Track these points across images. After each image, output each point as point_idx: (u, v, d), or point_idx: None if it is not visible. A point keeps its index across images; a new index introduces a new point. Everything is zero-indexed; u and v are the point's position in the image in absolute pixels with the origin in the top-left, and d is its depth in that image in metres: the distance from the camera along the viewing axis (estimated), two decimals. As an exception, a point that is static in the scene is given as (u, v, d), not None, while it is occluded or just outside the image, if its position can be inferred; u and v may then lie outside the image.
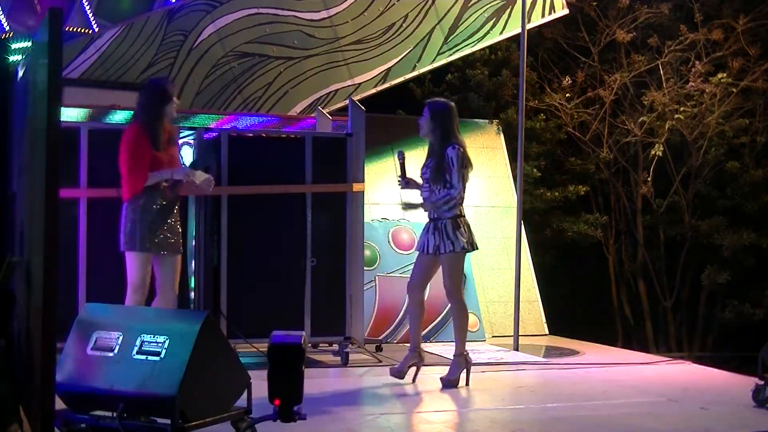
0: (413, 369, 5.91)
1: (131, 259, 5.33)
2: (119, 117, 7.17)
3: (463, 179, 5.76)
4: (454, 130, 5.85)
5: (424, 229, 5.90)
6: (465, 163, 5.76)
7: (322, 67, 8.52)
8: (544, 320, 8.90)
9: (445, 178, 5.74)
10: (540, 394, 5.84)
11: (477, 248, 5.92)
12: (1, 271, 4.66)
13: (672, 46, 10.33)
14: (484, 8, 9.17)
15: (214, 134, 6.50)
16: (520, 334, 7.72)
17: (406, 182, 5.96)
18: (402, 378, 5.82)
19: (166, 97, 5.41)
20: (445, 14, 9.03)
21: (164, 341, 3.90)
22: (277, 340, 3.90)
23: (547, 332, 8.82)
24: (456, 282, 5.83)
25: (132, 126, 5.42)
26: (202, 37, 8.08)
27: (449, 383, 5.79)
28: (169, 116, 5.43)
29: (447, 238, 5.75)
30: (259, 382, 4.31)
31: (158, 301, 5.39)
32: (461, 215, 5.81)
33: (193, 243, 6.33)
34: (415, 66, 8.93)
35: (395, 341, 7.81)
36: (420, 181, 5.91)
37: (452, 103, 6.00)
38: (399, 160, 6.01)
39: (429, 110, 5.87)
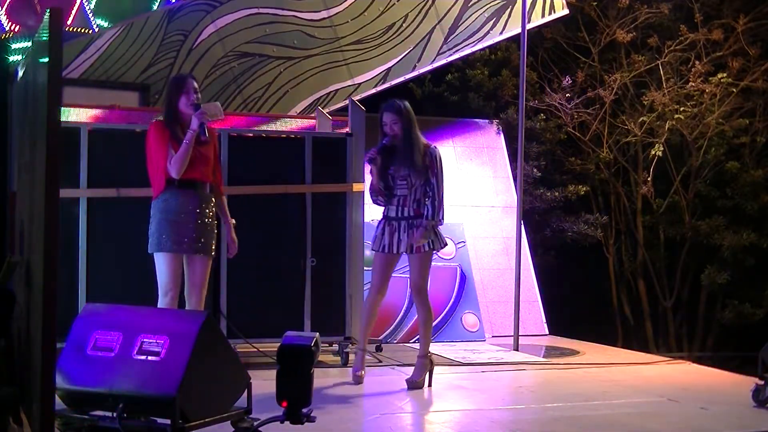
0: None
1: (157, 261, 5.20)
2: (119, 117, 7.16)
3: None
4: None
5: (392, 228, 5.79)
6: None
7: (322, 67, 8.52)
8: (544, 320, 8.91)
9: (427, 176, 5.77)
10: (540, 394, 5.84)
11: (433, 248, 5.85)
12: (1, 271, 4.67)
13: (672, 46, 10.33)
14: (484, 8, 9.17)
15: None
16: (520, 334, 7.72)
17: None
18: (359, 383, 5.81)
19: (178, 91, 5.22)
20: (445, 14, 9.03)
21: (164, 341, 3.90)
22: (288, 341, 3.88)
23: (547, 332, 8.82)
24: (427, 280, 5.86)
25: (150, 124, 5.28)
26: (202, 37, 8.07)
27: (414, 385, 5.72)
28: (185, 111, 5.20)
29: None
30: (260, 382, 4.32)
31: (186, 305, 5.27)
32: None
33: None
34: (415, 66, 8.93)
35: (395, 341, 7.82)
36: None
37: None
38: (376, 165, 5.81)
39: (395, 111, 5.85)
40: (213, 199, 5.36)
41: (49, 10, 3.58)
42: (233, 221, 5.52)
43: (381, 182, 5.76)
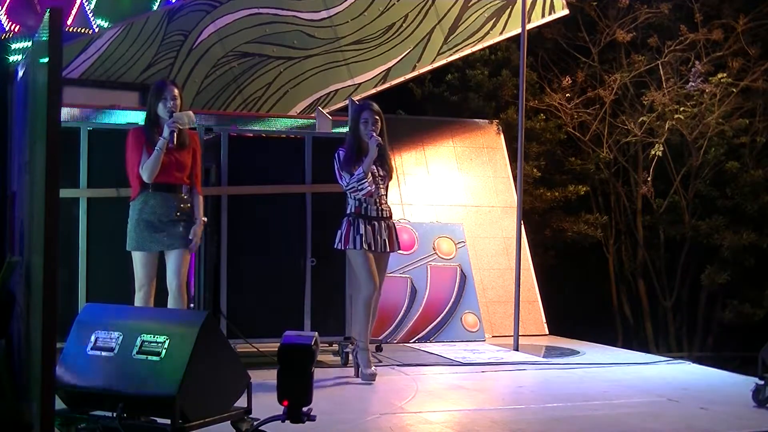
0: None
1: (133, 258, 5.42)
2: (119, 117, 7.17)
3: None
4: None
5: (374, 228, 5.89)
6: None
7: (322, 67, 8.53)
8: (544, 320, 8.90)
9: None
10: (540, 394, 5.84)
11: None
12: (1, 271, 4.67)
13: (672, 46, 10.33)
14: (484, 8, 9.17)
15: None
16: (520, 334, 7.72)
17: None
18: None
19: (157, 97, 5.38)
20: (445, 14, 9.03)
21: (164, 341, 3.90)
22: (288, 340, 3.89)
23: (547, 332, 8.82)
24: None
25: (129, 129, 5.51)
26: (202, 37, 8.08)
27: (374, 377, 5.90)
28: (163, 115, 5.35)
29: (396, 237, 6.04)
30: (260, 382, 4.32)
31: (169, 299, 5.43)
32: None
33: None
34: (415, 66, 8.93)
35: (395, 341, 7.82)
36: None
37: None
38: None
39: (377, 112, 5.91)
40: (189, 201, 5.49)
41: (49, 10, 3.58)
42: (204, 219, 5.64)
43: None
